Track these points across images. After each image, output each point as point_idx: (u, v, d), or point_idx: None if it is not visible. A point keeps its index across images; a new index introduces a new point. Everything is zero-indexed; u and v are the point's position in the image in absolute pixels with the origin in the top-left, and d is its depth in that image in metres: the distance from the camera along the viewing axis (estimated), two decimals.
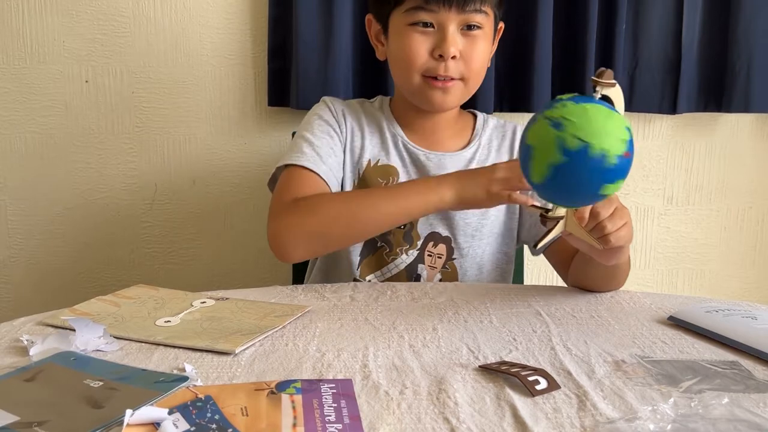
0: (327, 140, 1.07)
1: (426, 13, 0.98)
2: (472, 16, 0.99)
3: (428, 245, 1.09)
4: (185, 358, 0.68)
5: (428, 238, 1.09)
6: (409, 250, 1.08)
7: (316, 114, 1.11)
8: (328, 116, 1.11)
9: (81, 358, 0.67)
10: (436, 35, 0.99)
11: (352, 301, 0.88)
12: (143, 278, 1.54)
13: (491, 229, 1.11)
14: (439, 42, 0.98)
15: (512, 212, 1.12)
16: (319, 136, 1.07)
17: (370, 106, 1.16)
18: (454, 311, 0.85)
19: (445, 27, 0.98)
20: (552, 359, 0.70)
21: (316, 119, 1.10)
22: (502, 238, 1.12)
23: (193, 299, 0.85)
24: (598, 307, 0.89)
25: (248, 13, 1.47)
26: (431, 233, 1.09)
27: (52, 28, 1.44)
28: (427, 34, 0.99)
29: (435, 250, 1.09)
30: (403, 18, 1.00)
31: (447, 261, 1.09)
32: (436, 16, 0.98)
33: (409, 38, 1.00)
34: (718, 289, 1.70)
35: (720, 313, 0.81)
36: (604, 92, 0.73)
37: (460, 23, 0.99)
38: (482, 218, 1.10)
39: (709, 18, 1.51)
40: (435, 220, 1.09)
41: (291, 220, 0.95)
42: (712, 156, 1.63)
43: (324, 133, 1.08)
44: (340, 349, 0.71)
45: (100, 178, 1.51)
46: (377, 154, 1.10)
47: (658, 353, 0.72)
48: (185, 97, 1.49)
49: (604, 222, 0.80)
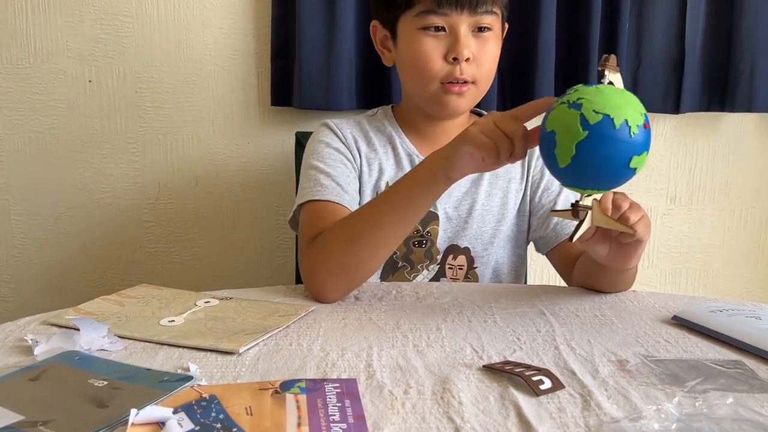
0: (342, 169, 1.03)
1: (437, 17, 0.97)
2: (482, 18, 0.98)
3: (448, 258, 1.08)
4: (189, 358, 0.68)
5: (447, 252, 1.08)
6: (430, 266, 1.08)
7: (323, 142, 1.07)
8: (337, 143, 1.07)
9: (85, 358, 0.67)
10: (448, 39, 0.98)
11: (356, 301, 0.88)
12: (147, 277, 1.54)
13: (506, 233, 1.11)
14: (453, 45, 0.97)
15: (522, 214, 1.12)
16: (333, 165, 1.03)
17: (374, 121, 1.12)
18: (459, 311, 0.85)
19: (457, 29, 0.97)
20: (556, 359, 0.70)
21: (324, 148, 1.06)
22: (515, 240, 1.12)
23: (197, 299, 0.85)
24: (602, 306, 0.89)
25: (251, 13, 1.47)
26: (450, 246, 1.08)
27: (55, 28, 1.45)
28: (439, 38, 0.98)
29: (455, 263, 1.08)
30: (414, 22, 0.99)
31: (468, 271, 1.09)
32: (447, 19, 0.97)
33: (422, 43, 0.98)
34: (721, 289, 1.69)
35: (724, 312, 0.80)
36: (610, 78, 0.74)
37: (471, 25, 0.98)
38: (498, 224, 1.09)
39: (713, 17, 1.51)
40: (452, 234, 1.07)
41: (312, 260, 0.90)
42: (716, 155, 1.63)
43: (337, 161, 1.04)
44: (344, 349, 0.71)
45: (103, 178, 1.51)
46: (394, 175, 1.07)
47: (662, 353, 0.72)
48: (188, 97, 1.49)
49: (626, 213, 0.80)
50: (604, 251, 0.85)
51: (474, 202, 1.08)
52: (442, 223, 1.07)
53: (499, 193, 1.10)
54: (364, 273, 0.90)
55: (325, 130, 1.09)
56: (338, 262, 0.88)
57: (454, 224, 1.08)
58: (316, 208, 0.98)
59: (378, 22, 1.07)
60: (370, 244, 0.88)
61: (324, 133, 1.09)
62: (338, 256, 0.88)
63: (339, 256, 0.88)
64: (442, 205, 1.07)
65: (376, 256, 0.90)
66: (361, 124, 1.11)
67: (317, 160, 1.04)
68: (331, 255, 0.89)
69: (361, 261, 0.88)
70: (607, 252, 0.85)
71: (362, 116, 1.14)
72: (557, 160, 0.71)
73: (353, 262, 0.88)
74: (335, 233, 0.91)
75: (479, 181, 1.09)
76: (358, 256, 0.88)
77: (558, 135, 0.70)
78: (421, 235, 1.06)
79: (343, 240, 0.89)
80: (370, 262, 0.90)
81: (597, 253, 0.86)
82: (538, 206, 1.10)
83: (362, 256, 0.88)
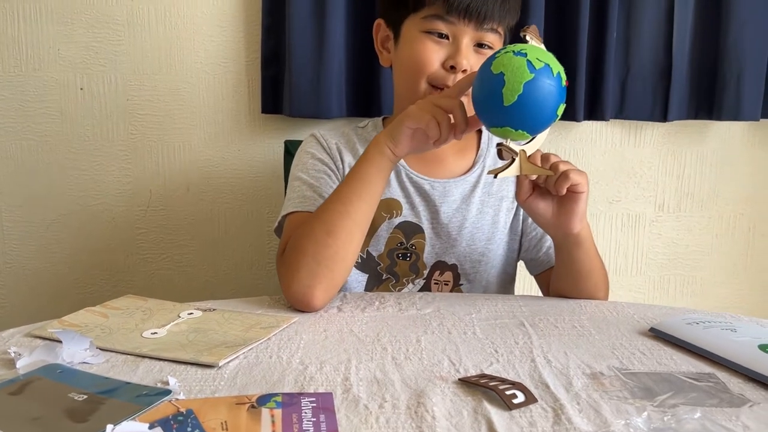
0: (326, 180, 1.04)
1: (444, 24, 0.98)
2: (486, 35, 0.99)
3: (435, 274, 1.09)
4: (170, 371, 0.69)
5: (434, 267, 1.09)
6: (415, 280, 1.09)
7: (309, 152, 1.08)
8: (321, 154, 1.08)
9: (67, 371, 0.68)
10: (449, 47, 0.98)
11: (339, 312, 0.89)
12: (138, 283, 1.56)
13: (495, 252, 1.11)
14: (453, 54, 0.98)
15: (514, 233, 1.13)
16: (317, 177, 1.04)
17: (364, 132, 1.12)
18: (439, 322, 0.86)
19: (460, 40, 0.98)
20: (531, 371, 0.71)
21: (309, 159, 1.07)
22: (505, 258, 1.13)
23: (181, 310, 0.86)
24: (581, 317, 0.90)
25: (242, 22, 1.48)
26: (437, 262, 1.09)
27: (47, 36, 1.46)
28: (441, 45, 0.99)
29: (441, 278, 1.09)
30: (419, 25, 0.99)
31: (454, 287, 1.10)
32: (453, 28, 0.98)
33: (423, 45, 0.99)
34: (709, 295, 1.71)
35: (700, 325, 0.81)
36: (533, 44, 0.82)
37: (474, 39, 0.99)
38: (488, 243, 1.10)
39: (700, 27, 1.52)
40: (441, 250, 1.08)
41: (288, 262, 0.92)
42: (704, 163, 1.64)
43: (321, 173, 1.05)
44: (323, 362, 0.72)
45: (95, 185, 1.52)
46: None
47: (636, 365, 0.73)
48: (179, 105, 1.50)
49: (557, 163, 0.88)
50: (547, 210, 0.92)
51: (464, 219, 1.08)
52: (429, 239, 1.07)
53: (490, 212, 1.10)
54: (342, 266, 0.91)
55: (312, 141, 1.11)
56: (314, 258, 0.89)
57: (443, 241, 1.08)
58: (297, 219, 0.99)
59: (383, 21, 1.07)
60: (342, 233, 0.90)
61: (310, 144, 1.10)
62: (313, 252, 0.90)
63: (314, 251, 0.90)
64: (430, 220, 1.08)
65: (350, 245, 0.92)
66: (348, 135, 1.12)
67: (302, 171, 1.06)
68: (305, 253, 0.90)
69: (337, 252, 0.90)
70: (550, 212, 0.92)
71: (351, 127, 1.15)
72: (503, 99, 0.78)
73: (329, 254, 0.89)
74: (306, 231, 0.92)
75: (470, 199, 1.09)
76: (334, 248, 0.90)
77: (507, 75, 0.78)
78: (405, 247, 1.07)
79: (316, 235, 0.91)
80: (345, 252, 0.91)
81: (540, 212, 0.93)
82: (531, 227, 1.10)
83: (337, 247, 0.90)
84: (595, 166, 1.61)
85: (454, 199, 1.08)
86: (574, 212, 0.91)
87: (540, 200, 0.92)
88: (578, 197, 0.90)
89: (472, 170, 1.11)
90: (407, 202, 1.07)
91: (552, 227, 0.95)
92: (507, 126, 0.80)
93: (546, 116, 0.80)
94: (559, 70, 0.79)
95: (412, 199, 1.07)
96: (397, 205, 1.07)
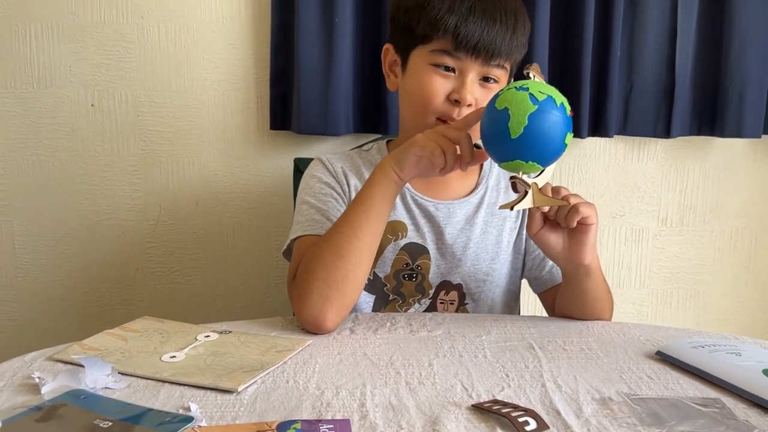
0: (333, 203, 1.06)
1: (451, 58, 0.99)
2: (492, 70, 1.00)
3: (440, 293, 1.10)
4: (190, 397, 0.71)
5: (440, 287, 1.10)
6: (421, 300, 1.10)
7: (315, 177, 1.10)
8: (328, 178, 1.09)
9: (91, 397, 0.70)
10: (455, 80, 1.00)
11: (351, 334, 0.91)
12: (147, 296, 1.58)
13: (500, 271, 1.12)
14: (459, 88, 0.99)
15: (518, 252, 1.14)
16: (324, 200, 1.06)
17: (368, 156, 1.14)
18: (450, 345, 0.88)
19: (466, 74, 0.99)
20: (542, 397, 0.73)
21: (316, 183, 1.09)
22: (509, 277, 1.14)
23: (198, 333, 0.88)
24: (588, 339, 0.92)
25: (251, 40, 1.50)
26: (443, 282, 1.10)
27: (59, 54, 1.48)
28: (447, 78, 1.00)
29: (447, 298, 1.10)
30: (427, 57, 1.00)
31: (459, 306, 1.11)
32: (459, 63, 0.99)
33: (430, 79, 1.00)
34: (711, 308, 1.73)
35: (706, 348, 0.83)
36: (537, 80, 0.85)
37: (480, 74, 1.00)
38: (492, 262, 1.11)
39: (703, 45, 1.54)
40: (446, 270, 1.10)
41: (301, 286, 0.93)
42: (706, 178, 1.66)
43: (328, 196, 1.07)
44: (338, 387, 0.74)
45: (105, 200, 1.54)
46: None
47: (644, 389, 0.75)
48: (189, 121, 1.52)
49: (568, 196, 0.90)
50: (558, 242, 0.94)
51: (468, 240, 1.10)
52: (435, 259, 1.09)
53: (493, 231, 1.12)
54: (352, 288, 0.93)
55: (318, 165, 1.12)
56: (325, 281, 0.91)
57: (448, 261, 1.09)
58: (306, 243, 1.01)
59: (392, 46, 1.08)
60: (351, 256, 0.92)
61: (317, 168, 1.12)
62: (324, 276, 0.92)
63: (324, 275, 0.92)
64: (435, 241, 1.09)
65: (360, 267, 0.94)
66: (353, 158, 1.13)
67: (309, 195, 1.08)
68: (316, 277, 0.92)
69: (347, 275, 0.92)
70: (561, 244, 0.94)
71: (356, 151, 1.17)
72: (510, 133, 0.80)
73: (340, 277, 0.92)
74: (316, 255, 0.94)
75: (474, 219, 1.11)
76: (344, 271, 0.92)
77: (511, 109, 0.80)
78: (411, 268, 1.09)
79: (326, 259, 0.93)
80: (355, 275, 0.93)
81: (551, 245, 0.94)
82: (534, 246, 1.11)
83: (347, 270, 0.92)
84: (599, 181, 1.63)
85: (458, 220, 1.10)
86: (584, 243, 0.92)
87: (551, 233, 0.93)
88: (588, 229, 0.91)
89: (476, 191, 1.12)
90: (412, 223, 1.09)
91: (562, 259, 0.96)
92: (517, 159, 0.82)
93: (554, 146, 0.82)
94: (562, 100, 0.82)
95: (417, 221, 1.09)
96: (403, 227, 1.09)
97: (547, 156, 0.83)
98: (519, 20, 1.01)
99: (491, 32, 0.97)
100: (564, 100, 0.82)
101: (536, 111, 0.79)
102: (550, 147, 0.82)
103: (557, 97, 0.81)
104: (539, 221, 0.92)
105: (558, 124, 0.81)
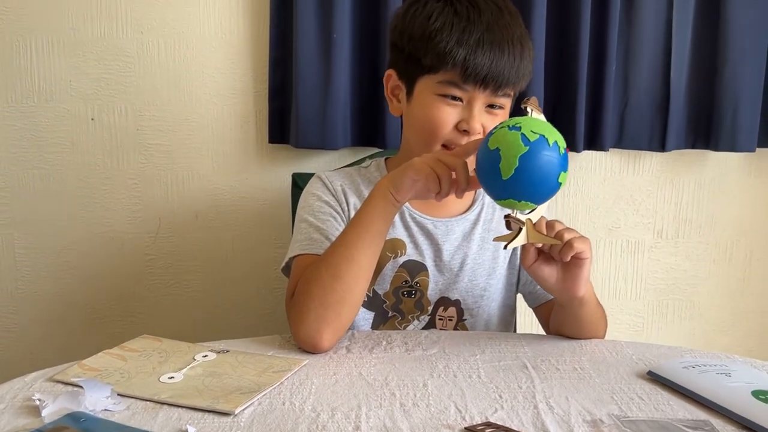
0: (332, 222, 1.07)
1: (459, 90, 1.00)
2: (498, 99, 1.01)
3: (439, 309, 1.12)
4: (188, 419, 0.72)
5: (438, 303, 1.11)
6: (420, 316, 1.11)
7: (315, 195, 1.11)
8: (327, 196, 1.10)
9: (90, 419, 0.71)
10: (463, 110, 1.00)
11: (347, 353, 0.92)
12: (147, 309, 1.59)
13: (496, 286, 1.14)
14: (467, 117, 1.00)
15: (513, 267, 1.16)
16: (323, 219, 1.07)
17: (367, 173, 1.15)
18: (445, 364, 0.89)
19: (474, 104, 1.00)
20: (534, 419, 0.74)
21: (315, 201, 1.10)
22: (505, 292, 1.16)
23: (196, 352, 0.89)
24: (581, 357, 0.93)
25: (250, 54, 1.52)
26: (441, 298, 1.11)
27: (59, 68, 1.49)
28: (454, 107, 1.00)
29: (446, 314, 1.12)
30: (434, 87, 1.01)
31: (458, 322, 1.12)
32: (467, 93, 1.00)
33: (438, 110, 1.01)
34: (707, 320, 1.74)
35: (696, 369, 0.85)
36: (534, 115, 0.86)
37: (486, 102, 1.01)
38: (488, 278, 1.13)
39: (697, 60, 1.56)
40: (444, 286, 1.11)
41: (298, 306, 0.94)
42: (701, 191, 1.68)
43: (327, 215, 1.08)
44: (334, 408, 0.75)
45: (105, 213, 1.55)
46: None
47: (635, 410, 0.77)
48: (188, 134, 1.54)
49: (562, 231, 0.90)
50: (552, 275, 0.94)
51: (465, 256, 1.11)
52: (433, 275, 1.10)
53: (490, 247, 1.13)
54: (349, 309, 0.95)
55: (317, 183, 1.13)
56: (322, 302, 0.92)
57: (446, 277, 1.11)
58: (305, 261, 1.02)
59: (395, 72, 1.08)
60: (348, 277, 0.93)
61: (316, 186, 1.13)
62: (320, 297, 0.93)
63: (321, 296, 0.93)
64: (433, 258, 1.11)
65: (356, 288, 0.95)
66: (352, 176, 1.14)
67: (308, 213, 1.08)
68: (313, 297, 0.93)
69: (344, 296, 0.93)
70: (555, 277, 0.94)
71: (354, 168, 1.18)
72: (501, 174, 0.80)
73: (336, 298, 0.93)
74: (313, 275, 0.95)
75: (471, 236, 1.12)
76: (340, 292, 0.93)
77: (502, 150, 0.80)
78: (410, 285, 1.10)
79: (322, 279, 0.94)
80: (352, 296, 0.94)
81: (545, 277, 0.94)
82: None
83: (343, 291, 0.93)
84: (595, 194, 1.65)
85: (455, 237, 1.11)
86: (578, 277, 0.93)
87: (545, 266, 0.94)
88: (582, 263, 0.92)
89: (472, 208, 1.14)
90: (411, 241, 1.10)
91: (557, 291, 0.97)
92: (510, 198, 0.82)
93: (547, 186, 0.81)
94: (555, 139, 0.80)
95: (415, 239, 1.10)
96: (401, 244, 1.10)
97: (539, 196, 0.83)
98: (525, 48, 1.02)
99: (499, 64, 0.98)
100: (558, 138, 0.81)
101: (527, 152, 0.79)
102: (542, 187, 0.81)
103: (550, 135, 0.80)
104: (533, 255, 0.93)
105: (550, 165, 0.80)
